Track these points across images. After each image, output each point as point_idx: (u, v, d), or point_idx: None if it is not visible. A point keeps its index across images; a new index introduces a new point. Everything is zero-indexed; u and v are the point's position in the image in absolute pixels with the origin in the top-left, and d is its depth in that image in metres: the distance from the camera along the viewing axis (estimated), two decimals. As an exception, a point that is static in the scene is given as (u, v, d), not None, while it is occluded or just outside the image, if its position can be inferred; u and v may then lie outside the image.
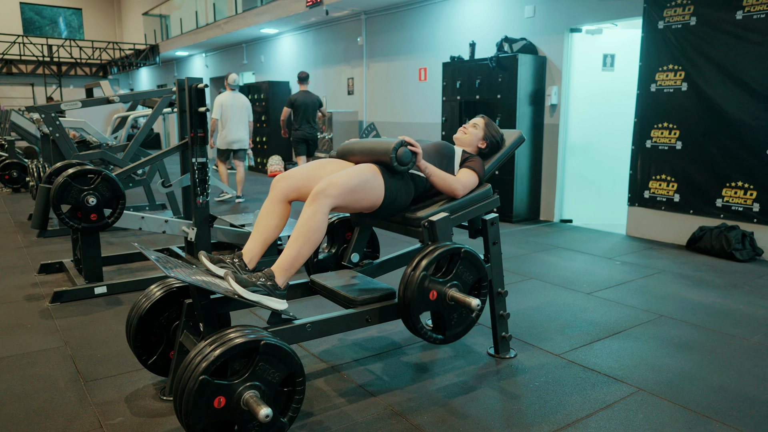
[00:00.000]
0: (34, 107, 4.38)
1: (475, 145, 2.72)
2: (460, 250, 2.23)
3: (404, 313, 2.17)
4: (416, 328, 2.18)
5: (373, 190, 2.26)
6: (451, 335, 2.26)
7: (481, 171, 2.57)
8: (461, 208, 2.47)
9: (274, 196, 2.27)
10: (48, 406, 2.22)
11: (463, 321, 2.27)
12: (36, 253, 4.71)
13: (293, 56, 10.82)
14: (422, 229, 2.33)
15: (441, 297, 2.19)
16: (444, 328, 2.24)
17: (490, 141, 2.72)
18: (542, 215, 6.34)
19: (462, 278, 2.26)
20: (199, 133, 3.65)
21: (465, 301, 2.14)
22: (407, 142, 2.32)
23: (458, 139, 2.75)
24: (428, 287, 2.16)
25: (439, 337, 2.24)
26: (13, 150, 8.34)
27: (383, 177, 2.29)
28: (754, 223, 4.57)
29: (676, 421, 2.12)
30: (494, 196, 2.59)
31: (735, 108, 4.58)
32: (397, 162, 2.27)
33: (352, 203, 2.23)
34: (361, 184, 2.22)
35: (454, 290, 2.20)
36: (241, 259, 2.18)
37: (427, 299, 2.16)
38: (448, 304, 2.20)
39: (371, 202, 2.29)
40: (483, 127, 2.72)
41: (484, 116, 2.78)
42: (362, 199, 2.25)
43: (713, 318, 3.22)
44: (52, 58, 18.64)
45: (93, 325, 3.10)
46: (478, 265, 2.30)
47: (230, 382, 1.70)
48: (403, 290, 2.16)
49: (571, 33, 5.92)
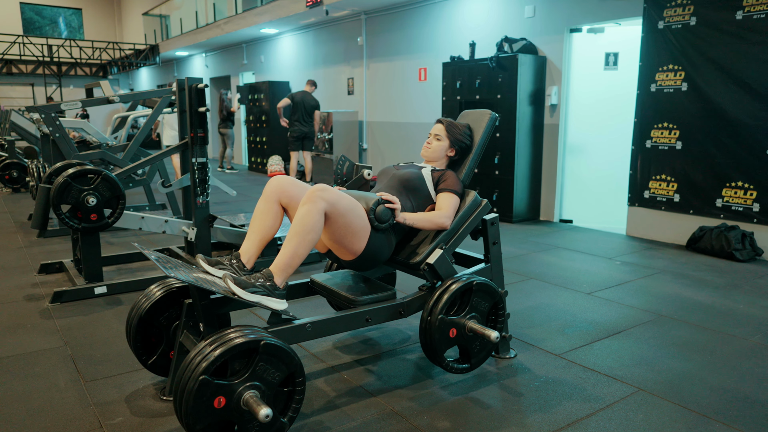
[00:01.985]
0: (34, 107, 4.38)
1: (444, 156, 2.63)
2: (472, 284, 2.30)
3: (430, 354, 2.28)
4: (442, 365, 2.29)
5: (359, 227, 2.23)
6: (476, 362, 2.37)
7: (458, 186, 2.49)
8: (454, 233, 2.45)
9: (269, 196, 2.27)
10: (48, 406, 2.22)
11: (485, 347, 2.37)
12: (36, 253, 4.71)
13: (293, 56, 10.82)
14: (423, 273, 2.37)
15: (461, 332, 2.28)
16: (469, 357, 2.34)
17: (458, 146, 2.62)
18: (542, 215, 6.34)
19: (478, 308, 2.34)
20: (199, 133, 3.65)
21: (484, 333, 2.23)
22: (384, 199, 2.30)
23: (425, 156, 2.65)
24: (446, 327, 2.25)
25: (465, 366, 2.35)
26: (13, 150, 8.34)
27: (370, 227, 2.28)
28: (754, 223, 4.57)
29: (676, 421, 2.12)
30: (483, 202, 2.51)
31: (735, 108, 4.58)
32: (377, 221, 2.27)
33: (339, 225, 2.17)
34: (353, 213, 2.20)
35: (472, 322, 2.29)
36: (239, 259, 2.18)
37: (447, 338, 2.26)
38: (468, 335, 2.29)
39: (353, 240, 2.24)
40: (446, 135, 2.61)
41: (443, 119, 2.66)
42: (348, 227, 2.19)
43: (713, 318, 3.22)
44: (52, 58, 18.64)
45: (93, 325, 3.10)
46: (491, 292, 2.37)
47: (230, 382, 1.70)
48: (424, 335, 2.26)
49: (571, 33, 5.93)
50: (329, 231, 2.20)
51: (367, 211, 2.25)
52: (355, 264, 2.36)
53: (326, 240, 2.28)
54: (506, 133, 5.95)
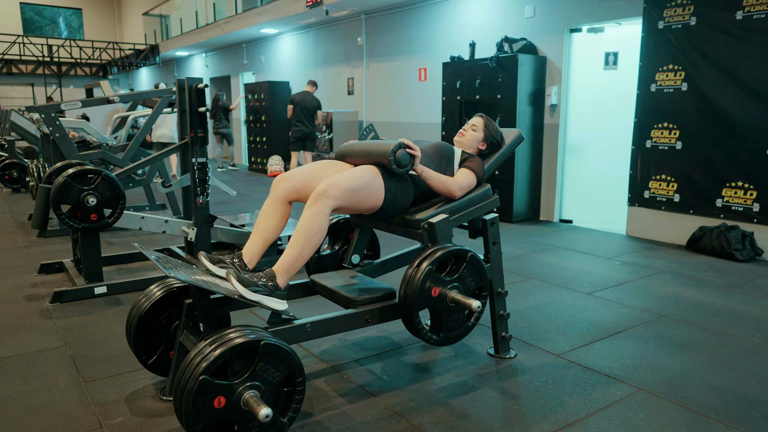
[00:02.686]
0: (34, 107, 4.38)
1: (476, 147, 2.72)
2: (467, 254, 2.26)
3: (404, 305, 2.16)
4: (414, 323, 2.17)
5: (374, 191, 2.27)
6: (444, 337, 2.25)
7: (480, 171, 2.57)
8: (461, 209, 2.47)
9: (275, 197, 2.27)
10: (48, 406, 2.22)
11: (458, 326, 2.28)
12: (36, 253, 4.71)
13: (293, 56, 10.82)
14: (422, 231, 2.33)
15: (442, 296, 2.19)
16: (439, 329, 2.24)
17: (490, 141, 2.72)
18: (542, 215, 6.34)
19: (465, 282, 2.27)
20: (199, 133, 3.65)
21: (466, 302, 2.14)
22: (406, 144, 2.32)
23: (458, 141, 2.74)
24: (431, 284, 2.16)
25: (435, 337, 2.24)
26: (13, 150, 8.34)
27: (383, 178, 2.30)
28: (754, 223, 4.57)
29: (676, 421, 2.12)
30: (494, 197, 2.58)
31: (735, 108, 4.58)
32: (396, 164, 2.27)
33: (353, 204, 2.23)
34: (362, 185, 2.22)
35: (455, 291, 2.21)
36: (241, 259, 2.18)
37: (429, 295, 2.16)
38: (449, 305, 2.21)
39: (372, 204, 2.30)
40: (482, 128, 2.71)
41: (483, 115, 2.76)
42: (363, 200, 2.25)
43: (713, 318, 3.22)
44: (52, 58, 18.64)
45: (93, 325, 3.10)
46: (482, 272, 2.32)
47: (230, 382, 1.70)
48: (406, 284, 2.15)
49: (571, 33, 5.93)
50: (345, 209, 2.25)
51: (387, 155, 2.26)
52: (376, 215, 2.41)
53: (344, 211, 2.31)
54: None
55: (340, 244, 2.87)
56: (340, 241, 2.88)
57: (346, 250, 2.86)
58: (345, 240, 2.88)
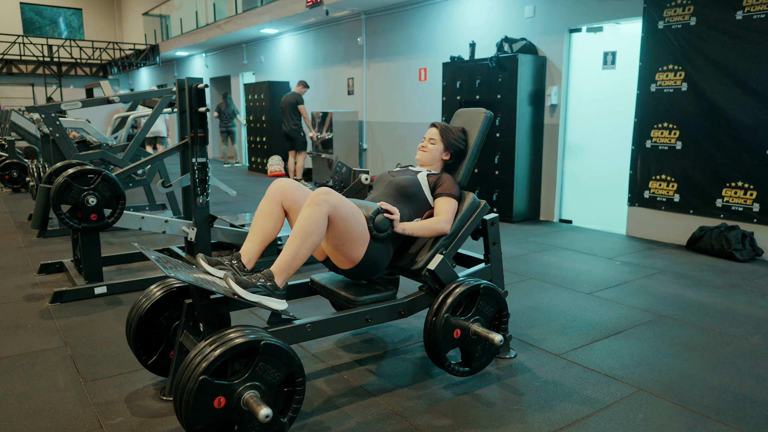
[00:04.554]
0: (34, 107, 4.38)
1: (439, 159, 2.65)
2: (479, 287, 2.31)
3: (433, 353, 2.27)
4: (444, 365, 2.28)
5: (359, 235, 2.24)
6: (476, 366, 2.36)
7: (456, 190, 2.51)
8: (453, 237, 2.46)
9: (271, 197, 2.27)
10: (48, 406, 2.22)
11: (487, 352, 2.37)
12: (36, 253, 4.71)
13: (293, 56, 10.82)
14: (425, 279, 2.37)
15: (465, 334, 2.28)
16: (470, 361, 2.34)
17: (453, 150, 2.64)
18: (542, 215, 6.34)
19: (483, 313, 2.34)
20: (199, 133, 3.65)
21: (488, 337, 2.23)
22: (384, 209, 2.31)
23: (419, 160, 2.67)
24: (452, 327, 2.25)
25: (466, 369, 2.34)
26: (13, 150, 8.34)
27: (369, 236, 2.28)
28: (754, 223, 4.57)
29: (676, 421, 2.12)
30: (481, 204, 2.52)
31: (735, 108, 4.58)
32: (376, 230, 2.28)
33: (339, 230, 2.18)
34: (354, 219, 2.20)
35: (476, 325, 2.28)
36: (240, 260, 2.18)
37: (451, 338, 2.25)
38: (472, 338, 2.29)
39: (353, 248, 2.25)
40: (440, 138, 2.63)
41: (437, 123, 2.68)
42: (349, 233, 2.20)
43: (713, 318, 3.22)
44: (52, 58, 18.63)
45: (93, 325, 3.10)
46: (497, 297, 2.37)
47: (230, 382, 1.70)
48: (428, 335, 2.25)
49: (571, 33, 5.93)
50: (329, 236, 2.20)
51: (366, 219, 2.26)
52: (353, 273, 2.37)
53: (325, 246, 2.28)
54: (506, 133, 5.95)
55: None
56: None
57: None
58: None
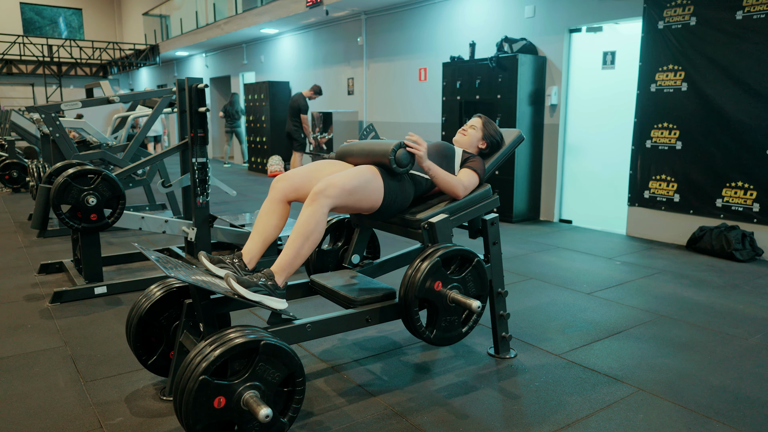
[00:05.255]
0: (34, 107, 4.38)
1: (475, 146, 2.72)
2: (474, 258, 2.28)
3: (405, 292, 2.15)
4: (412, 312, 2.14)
5: (373, 191, 2.27)
6: (438, 336, 2.24)
7: (482, 171, 2.57)
8: (461, 209, 2.47)
9: (274, 197, 2.27)
10: (48, 406, 2.22)
11: (451, 329, 2.26)
12: (36, 253, 4.71)
13: (293, 56, 10.82)
14: (422, 231, 2.33)
15: (443, 293, 2.19)
16: (434, 326, 2.22)
17: (490, 141, 2.72)
18: (542, 215, 6.34)
19: (466, 285, 2.28)
20: (199, 133, 3.64)
21: (466, 302, 2.14)
22: (406, 143, 2.31)
23: (458, 141, 2.74)
24: (436, 277, 2.17)
25: (428, 332, 2.22)
26: (13, 150, 8.34)
27: (382, 178, 2.29)
28: (754, 223, 4.57)
29: (676, 421, 2.12)
30: (494, 197, 2.59)
31: (735, 108, 4.58)
32: (396, 164, 2.28)
33: (351, 204, 2.23)
34: (361, 185, 2.22)
35: (456, 291, 2.21)
36: (241, 259, 2.18)
37: (431, 287, 2.16)
38: (448, 304, 2.20)
39: (370, 204, 2.29)
40: (481, 128, 2.72)
41: (482, 115, 2.77)
42: (361, 200, 2.25)
43: (713, 318, 3.22)
44: (52, 58, 18.63)
45: (93, 325, 3.10)
46: (484, 279, 2.33)
47: (230, 382, 1.70)
48: (413, 270, 2.15)
49: (571, 33, 5.93)
50: (344, 208, 2.24)
51: (387, 155, 2.26)
52: (375, 215, 2.40)
53: (343, 211, 2.31)
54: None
55: (342, 241, 2.87)
56: (342, 238, 2.87)
57: (346, 249, 2.86)
58: (347, 238, 2.88)
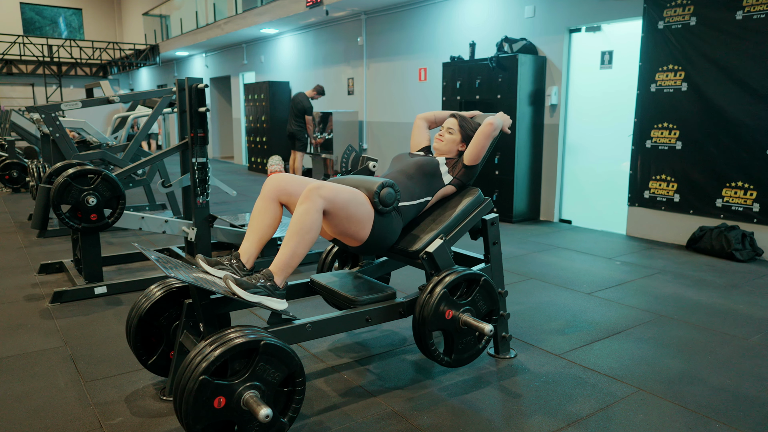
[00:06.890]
0: (34, 107, 4.38)
1: (455, 150, 2.65)
2: (480, 278, 2.30)
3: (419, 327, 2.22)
4: (428, 344, 2.23)
5: (362, 216, 2.23)
6: (456, 359, 2.31)
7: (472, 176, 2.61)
8: (455, 226, 2.45)
9: (266, 195, 2.27)
10: (48, 406, 2.22)
11: (469, 348, 2.33)
12: (36, 253, 4.71)
13: (293, 56, 10.82)
14: (422, 261, 2.35)
15: (455, 319, 2.24)
16: (452, 351, 2.29)
17: (469, 141, 2.65)
18: (542, 215, 6.34)
19: (477, 306, 2.31)
20: (199, 133, 3.64)
21: (478, 326, 2.19)
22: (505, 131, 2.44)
23: (437, 149, 2.67)
24: (445, 307, 2.22)
25: (446, 358, 2.29)
26: (13, 150, 8.34)
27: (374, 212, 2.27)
28: (754, 223, 4.57)
29: (676, 421, 2.12)
30: (486, 200, 2.54)
31: (735, 108, 4.58)
32: (381, 204, 2.26)
33: (339, 219, 2.18)
34: (353, 204, 2.19)
35: (467, 315, 2.25)
36: (239, 259, 2.17)
37: (442, 317, 2.22)
38: (461, 327, 2.25)
39: (357, 229, 2.25)
40: (458, 129, 2.64)
41: (455, 114, 2.69)
42: (350, 218, 2.20)
43: (713, 318, 3.22)
44: (52, 58, 18.63)
45: (93, 325, 3.10)
46: (494, 296, 2.35)
47: (230, 382, 1.70)
48: (421, 307, 2.21)
49: (571, 33, 5.93)
50: (332, 225, 2.20)
51: (371, 194, 2.24)
52: (362, 249, 2.37)
53: (330, 232, 2.29)
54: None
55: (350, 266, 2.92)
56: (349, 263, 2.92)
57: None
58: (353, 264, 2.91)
